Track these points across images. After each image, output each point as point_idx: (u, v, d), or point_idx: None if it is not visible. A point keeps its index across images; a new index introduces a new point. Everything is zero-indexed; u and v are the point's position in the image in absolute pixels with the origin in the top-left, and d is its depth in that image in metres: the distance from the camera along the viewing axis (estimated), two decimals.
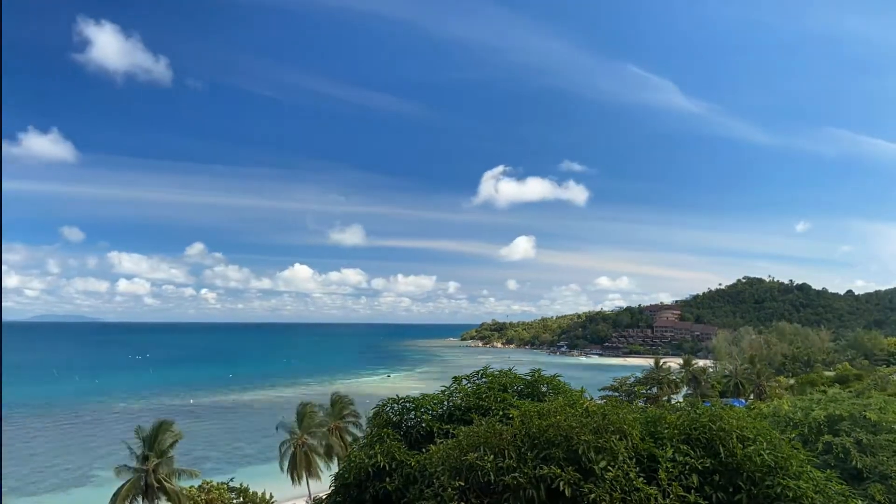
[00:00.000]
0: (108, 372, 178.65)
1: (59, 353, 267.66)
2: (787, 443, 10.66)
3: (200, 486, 44.70)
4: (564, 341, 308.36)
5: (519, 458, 10.27)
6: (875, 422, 18.54)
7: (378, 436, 12.91)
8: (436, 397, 14.61)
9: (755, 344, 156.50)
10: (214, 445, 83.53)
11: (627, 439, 10.23)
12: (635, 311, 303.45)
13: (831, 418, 19.24)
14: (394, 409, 14.33)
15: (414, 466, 11.36)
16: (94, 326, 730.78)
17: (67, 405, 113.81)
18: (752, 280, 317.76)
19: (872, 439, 17.74)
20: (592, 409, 11.29)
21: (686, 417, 11.40)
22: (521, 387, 14.92)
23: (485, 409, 13.30)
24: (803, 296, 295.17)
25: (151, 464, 40.37)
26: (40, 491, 63.09)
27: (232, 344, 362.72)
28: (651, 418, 11.77)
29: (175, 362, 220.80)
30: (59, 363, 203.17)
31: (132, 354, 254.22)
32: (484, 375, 15.36)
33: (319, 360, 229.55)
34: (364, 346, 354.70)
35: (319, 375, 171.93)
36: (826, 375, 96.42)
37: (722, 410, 11.26)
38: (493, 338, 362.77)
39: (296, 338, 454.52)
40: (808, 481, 9.96)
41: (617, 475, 9.51)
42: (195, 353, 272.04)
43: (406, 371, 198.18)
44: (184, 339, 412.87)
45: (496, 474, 10.07)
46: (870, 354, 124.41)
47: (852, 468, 16.91)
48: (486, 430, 10.97)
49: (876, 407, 19.73)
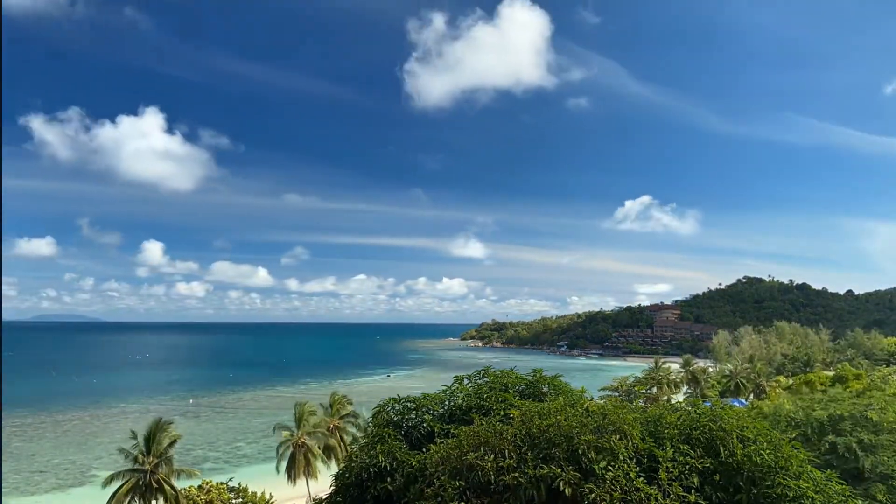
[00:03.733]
0: (108, 372, 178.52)
1: (59, 353, 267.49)
2: (787, 443, 10.66)
3: (200, 486, 44.65)
4: (564, 341, 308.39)
5: (519, 458, 10.27)
6: (876, 422, 18.54)
7: (379, 436, 12.91)
8: (436, 397, 14.61)
9: (755, 344, 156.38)
10: (214, 445, 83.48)
11: (628, 439, 10.22)
12: (635, 311, 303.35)
13: (833, 418, 19.25)
14: (395, 409, 14.33)
15: (415, 466, 11.36)
16: (94, 326, 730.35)
17: (67, 405, 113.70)
18: (752, 280, 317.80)
19: (874, 439, 17.74)
20: (593, 409, 11.29)
21: (686, 417, 11.41)
22: (522, 387, 14.92)
23: (486, 409, 13.30)
24: (803, 296, 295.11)
25: (150, 464, 40.35)
26: (40, 491, 63.03)
27: (231, 344, 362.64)
28: (651, 418, 11.78)
29: (174, 362, 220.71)
30: (59, 363, 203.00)
31: (132, 354, 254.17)
32: (485, 375, 15.37)
33: (320, 361, 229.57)
34: (368, 346, 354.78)
35: (319, 375, 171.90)
36: (826, 375, 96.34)
37: (722, 410, 11.27)
38: (493, 337, 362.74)
39: (297, 338, 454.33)
40: (809, 481, 9.96)
41: (617, 475, 9.50)
42: (194, 353, 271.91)
43: (406, 371, 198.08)
44: (184, 339, 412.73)
45: (496, 474, 10.07)
46: (870, 354, 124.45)
47: (853, 468, 16.91)
48: (486, 430, 10.97)
49: (877, 407, 19.74)
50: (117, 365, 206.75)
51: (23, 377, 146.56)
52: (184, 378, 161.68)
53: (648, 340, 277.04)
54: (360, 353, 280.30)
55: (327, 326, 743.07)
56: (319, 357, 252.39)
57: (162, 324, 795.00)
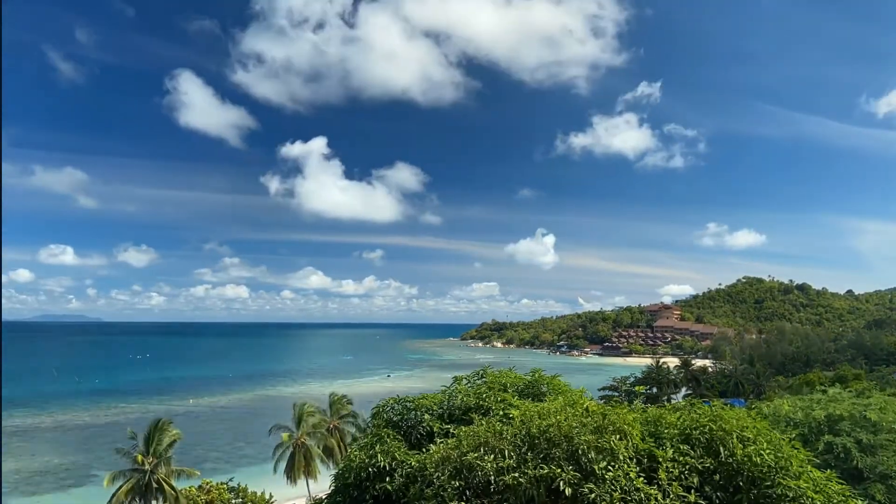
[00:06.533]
0: (108, 372, 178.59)
1: (59, 353, 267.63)
2: (787, 443, 10.66)
3: (200, 486, 44.70)
4: (564, 341, 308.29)
5: (519, 458, 10.27)
6: (875, 422, 18.55)
7: (378, 436, 12.91)
8: (436, 397, 14.60)
9: (755, 344, 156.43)
10: (214, 445, 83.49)
11: (628, 439, 10.23)
12: (635, 311, 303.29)
13: (831, 418, 19.25)
14: (394, 409, 14.33)
15: (414, 466, 11.36)
16: (94, 326, 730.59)
17: (67, 405, 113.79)
18: (752, 280, 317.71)
19: (873, 439, 17.74)
20: (593, 409, 11.29)
21: (686, 417, 11.41)
22: (521, 387, 14.92)
23: (485, 409, 13.30)
24: (803, 296, 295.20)
25: (150, 464, 40.36)
26: (40, 491, 63.04)
27: (232, 344, 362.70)
28: (651, 418, 11.78)
29: (175, 362, 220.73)
30: (59, 363, 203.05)
31: (132, 354, 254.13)
32: (484, 375, 15.37)
33: (320, 361, 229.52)
34: (368, 345, 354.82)
35: (320, 375, 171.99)
36: (826, 375, 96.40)
37: (722, 410, 11.26)
38: (492, 338, 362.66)
39: (296, 338, 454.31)
40: (809, 481, 9.96)
41: (617, 475, 9.51)
42: (195, 353, 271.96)
43: (406, 371, 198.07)
44: (183, 339, 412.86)
45: (496, 474, 10.07)
46: (870, 354, 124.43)
47: (853, 468, 16.91)
48: (486, 430, 10.97)
49: (876, 407, 19.74)
50: (118, 365, 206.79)
51: (23, 377, 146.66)
52: (184, 378, 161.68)
53: (649, 340, 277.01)
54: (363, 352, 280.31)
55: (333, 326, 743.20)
56: (320, 358, 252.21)
57: (163, 324, 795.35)
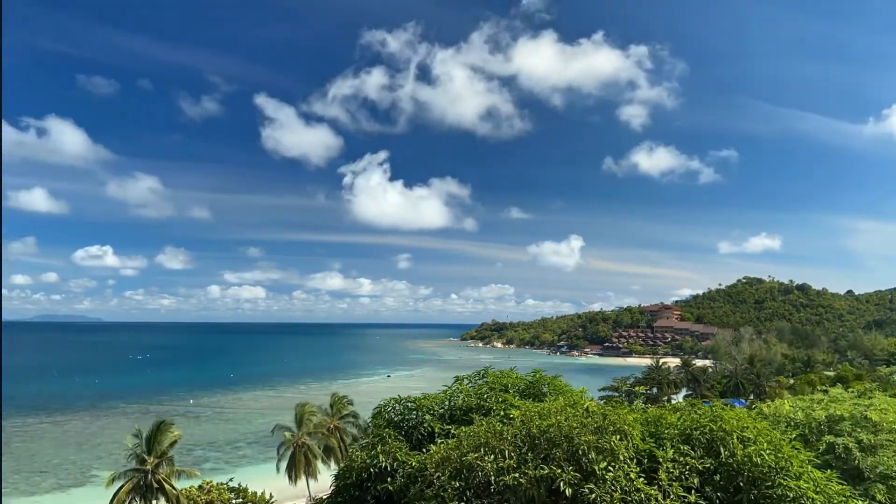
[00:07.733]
0: (108, 372, 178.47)
1: (60, 353, 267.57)
2: (787, 443, 10.67)
3: (200, 487, 44.65)
4: (564, 341, 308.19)
5: (519, 458, 10.28)
6: (876, 422, 18.55)
7: (379, 436, 12.92)
8: (437, 397, 14.62)
9: (755, 344, 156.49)
10: (214, 445, 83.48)
11: (628, 440, 10.24)
12: (635, 311, 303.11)
13: (832, 418, 19.24)
14: (395, 410, 14.34)
15: (415, 467, 11.37)
16: (94, 326, 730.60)
17: (67, 405, 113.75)
18: (752, 280, 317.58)
19: (873, 439, 17.74)
20: (593, 410, 11.30)
21: (686, 418, 11.42)
22: (522, 387, 14.94)
23: (486, 410, 13.31)
24: (803, 296, 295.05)
25: (151, 464, 40.37)
26: (40, 491, 63.02)
27: (231, 344, 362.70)
28: (651, 419, 11.79)
29: (175, 362, 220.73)
30: (59, 363, 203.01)
31: (132, 354, 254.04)
32: (485, 375, 15.38)
33: (320, 361, 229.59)
34: (367, 345, 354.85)
35: (320, 375, 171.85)
36: (826, 375, 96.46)
37: (722, 411, 11.27)
38: (493, 338, 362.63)
39: (297, 338, 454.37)
40: (809, 482, 9.97)
41: (617, 475, 9.52)
42: (195, 353, 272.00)
43: (406, 371, 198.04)
44: (183, 339, 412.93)
45: (497, 474, 10.07)
46: (870, 354, 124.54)
47: (853, 468, 16.91)
48: (486, 431, 10.98)
49: (878, 407, 19.73)
50: (118, 365, 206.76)
51: (23, 377, 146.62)
52: (184, 378, 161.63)
53: (649, 340, 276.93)
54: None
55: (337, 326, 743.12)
56: (320, 358, 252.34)
57: (163, 324, 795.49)
